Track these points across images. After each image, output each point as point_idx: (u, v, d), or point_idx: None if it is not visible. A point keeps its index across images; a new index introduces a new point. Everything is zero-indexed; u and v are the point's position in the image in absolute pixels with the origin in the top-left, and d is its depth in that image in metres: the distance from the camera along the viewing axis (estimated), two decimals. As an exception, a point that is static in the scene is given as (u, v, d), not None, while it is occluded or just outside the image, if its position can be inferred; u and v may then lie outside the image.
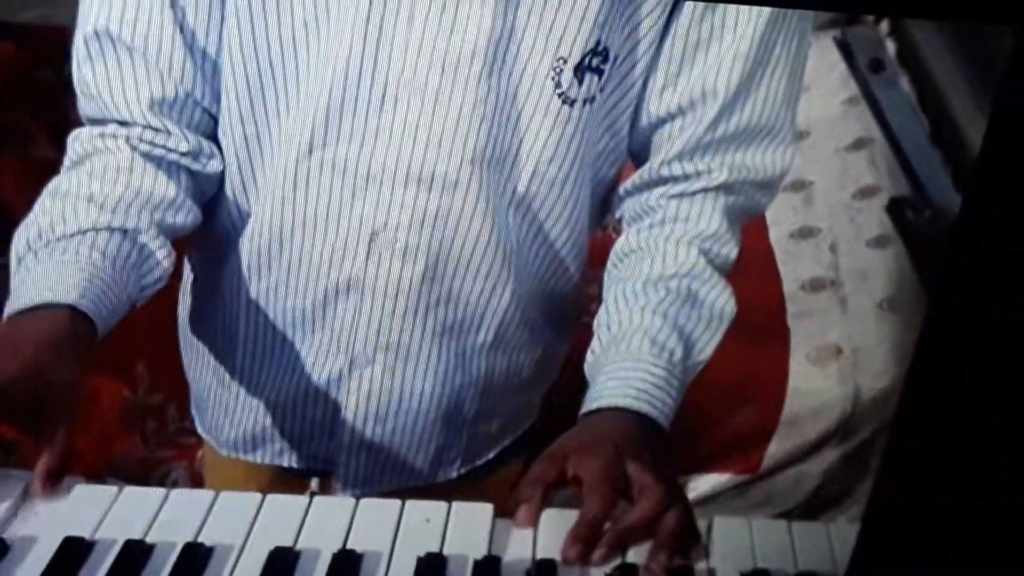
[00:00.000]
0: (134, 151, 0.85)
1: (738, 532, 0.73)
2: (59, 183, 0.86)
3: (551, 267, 0.96)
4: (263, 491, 0.75)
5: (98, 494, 0.73)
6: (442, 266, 0.89)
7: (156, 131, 0.86)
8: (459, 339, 0.95)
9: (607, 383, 0.82)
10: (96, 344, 0.78)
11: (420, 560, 0.69)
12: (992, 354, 0.41)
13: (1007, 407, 0.42)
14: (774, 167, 0.91)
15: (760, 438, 1.55)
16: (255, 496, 0.74)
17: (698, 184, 0.89)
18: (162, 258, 0.85)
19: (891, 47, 1.84)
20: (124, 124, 0.86)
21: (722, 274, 0.90)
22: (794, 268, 1.69)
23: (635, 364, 0.82)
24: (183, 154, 0.87)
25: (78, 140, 0.87)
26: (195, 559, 0.68)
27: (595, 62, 0.83)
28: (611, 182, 0.96)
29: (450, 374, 0.96)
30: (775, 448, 1.55)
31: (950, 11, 0.47)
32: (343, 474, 1.01)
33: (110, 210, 0.83)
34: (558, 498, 0.75)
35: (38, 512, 0.72)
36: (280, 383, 0.97)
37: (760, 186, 0.92)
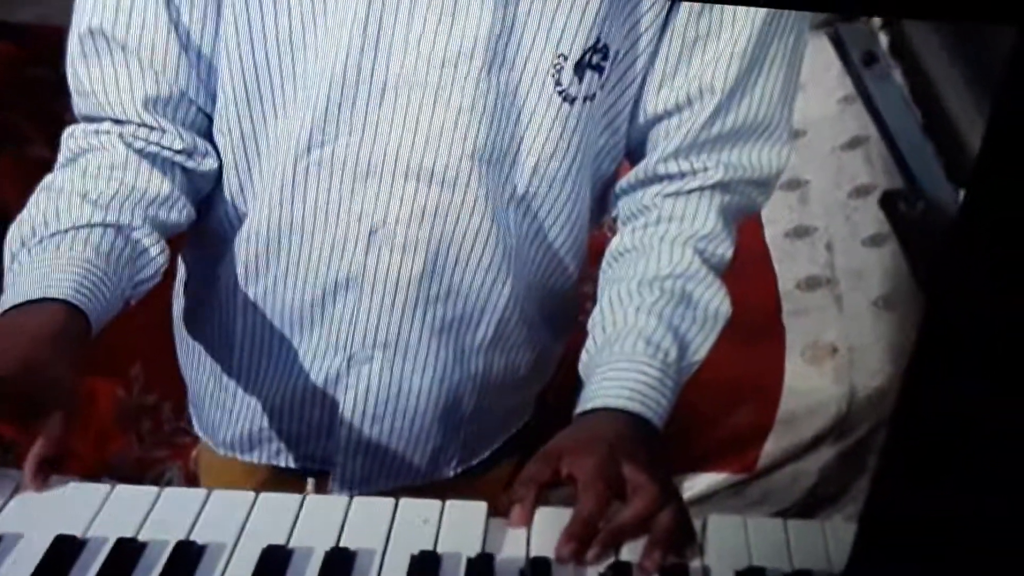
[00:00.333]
0: (128, 148, 0.85)
1: (733, 530, 0.73)
2: (53, 180, 0.86)
3: (550, 264, 0.96)
4: (258, 491, 0.74)
5: (90, 492, 0.73)
6: (441, 261, 0.89)
7: (150, 129, 0.85)
8: (457, 336, 0.94)
9: (601, 383, 0.82)
10: (91, 340, 0.78)
11: (414, 558, 0.69)
12: (990, 352, 0.41)
13: (1004, 405, 0.42)
14: (770, 165, 0.90)
15: (756, 437, 1.55)
16: (248, 494, 0.74)
17: (694, 182, 0.89)
18: (156, 254, 0.85)
19: (884, 40, 1.84)
20: (118, 122, 0.86)
21: (717, 274, 0.90)
22: (790, 267, 1.69)
23: (629, 365, 0.82)
24: (177, 152, 0.87)
25: (72, 137, 0.87)
26: (187, 557, 0.67)
27: (595, 59, 0.83)
28: (610, 178, 0.96)
29: (448, 372, 0.96)
30: (771, 447, 1.55)
31: (950, 11, 0.47)
32: (340, 474, 1.00)
33: (104, 206, 0.83)
34: (553, 497, 0.75)
35: (28, 507, 0.71)
36: (278, 381, 0.97)
37: (756, 184, 0.91)
